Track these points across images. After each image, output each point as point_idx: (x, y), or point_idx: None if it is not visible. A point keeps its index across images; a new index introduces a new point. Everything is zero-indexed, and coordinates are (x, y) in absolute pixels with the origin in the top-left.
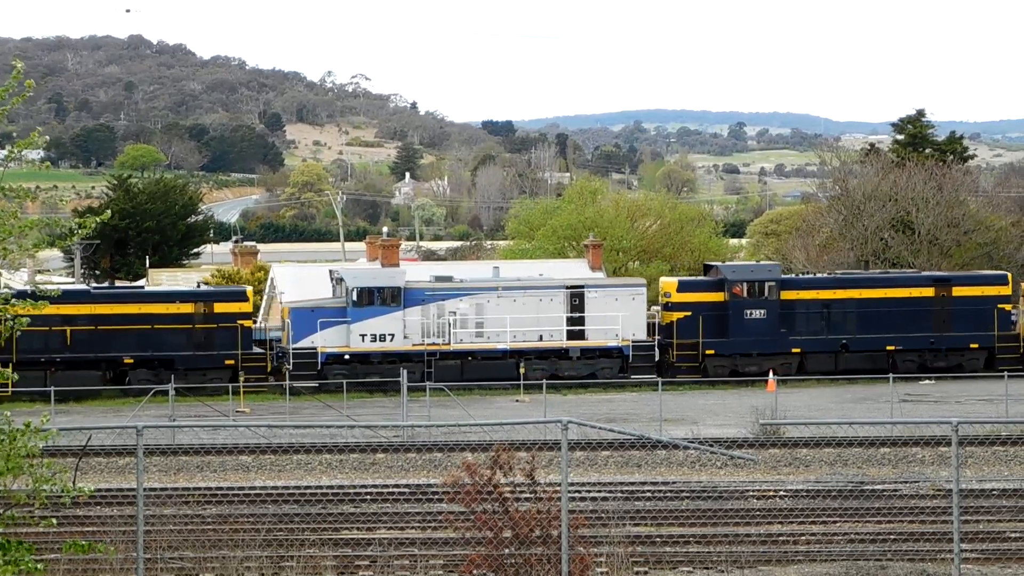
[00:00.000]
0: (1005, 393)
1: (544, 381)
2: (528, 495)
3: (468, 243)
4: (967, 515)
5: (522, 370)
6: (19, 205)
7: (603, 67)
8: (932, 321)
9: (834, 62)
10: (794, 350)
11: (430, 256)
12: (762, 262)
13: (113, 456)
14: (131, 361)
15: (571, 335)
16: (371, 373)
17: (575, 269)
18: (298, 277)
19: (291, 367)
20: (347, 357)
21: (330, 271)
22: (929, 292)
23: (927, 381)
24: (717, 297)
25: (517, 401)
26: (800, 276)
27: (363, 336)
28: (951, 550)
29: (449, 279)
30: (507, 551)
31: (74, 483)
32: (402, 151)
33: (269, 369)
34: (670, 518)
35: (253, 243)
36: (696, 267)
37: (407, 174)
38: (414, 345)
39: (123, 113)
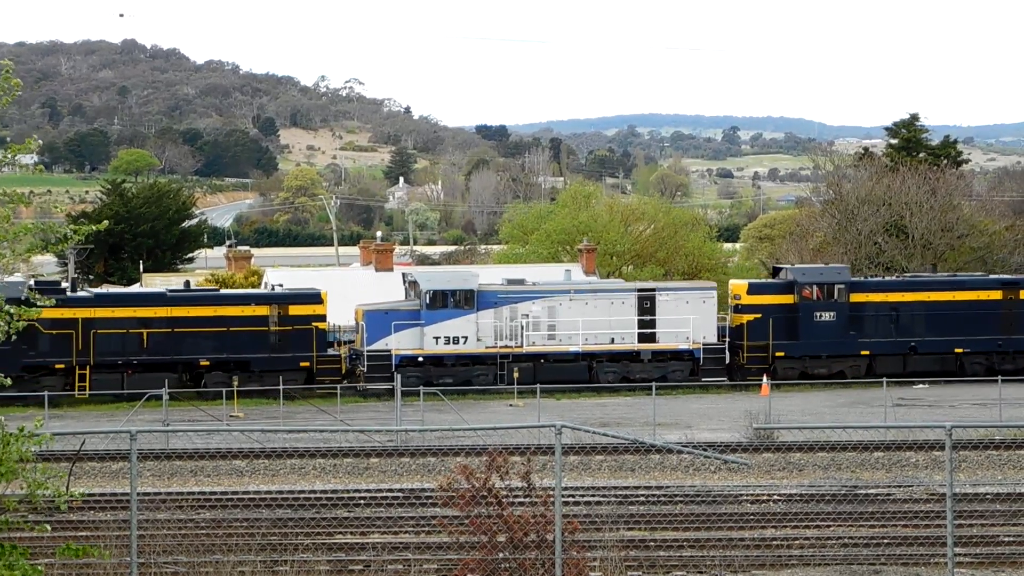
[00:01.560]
0: (999, 397)
1: (538, 385)
2: (522, 499)
3: (462, 247)
4: (961, 519)
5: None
6: (12, 210)
7: (597, 71)
8: (1000, 324)
9: (828, 66)
10: (863, 352)
11: (424, 261)
12: (831, 264)
13: (107, 461)
14: (207, 363)
15: (642, 338)
16: (444, 375)
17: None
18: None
19: (365, 369)
20: (420, 359)
21: (403, 274)
22: (997, 295)
23: (921, 385)
24: (787, 299)
25: (511, 405)
26: (869, 279)
27: (436, 338)
28: (945, 554)
29: (521, 282)
30: (501, 555)
31: (67, 488)
32: (396, 155)
33: (344, 371)
34: (664, 522)
35: (247, 248)
36: (691, 272)
37: (401, 178)
38: (487, 348)
39: (117, 117)
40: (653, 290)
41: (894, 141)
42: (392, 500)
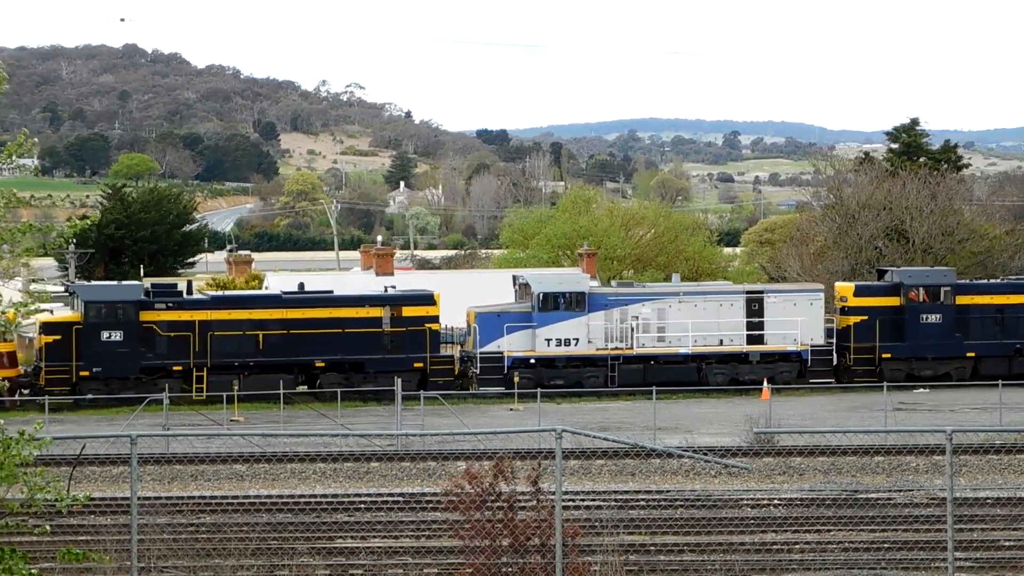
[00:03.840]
0: (999, 402)
1: (538, 390)
2: (523, 504)
3: (462, 252)
4: (961, 524)
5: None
6: (10, 211)
7: (597, 76)
8: None
9: (828, 71)
10: (968, 354)
11: (424, 265)
12: (936, 267)
13: (107, 465)
14: (322, 365)
15: (751, 340)
16: (555, 377)
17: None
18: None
19: (478, 371)
20: (532, 361)
21: (514, 276)
22: None
23: (921, 390)
24: (893, 301)
25: (511, 410)
26: (975, 281)
27: (548, 340)
28: (945, 559)
29: (631, 284)
30: (503, 560)
31: (68, 491)
32: (396, 160)
33: (456, 372)
34: (664, 527)
35: (248, 252)
36: (691, 276)
37: (401, 183)
38: (598, 349)
39: (117, 122)
40: (761, 292)
41: (895, 145)
42: (392, 504)
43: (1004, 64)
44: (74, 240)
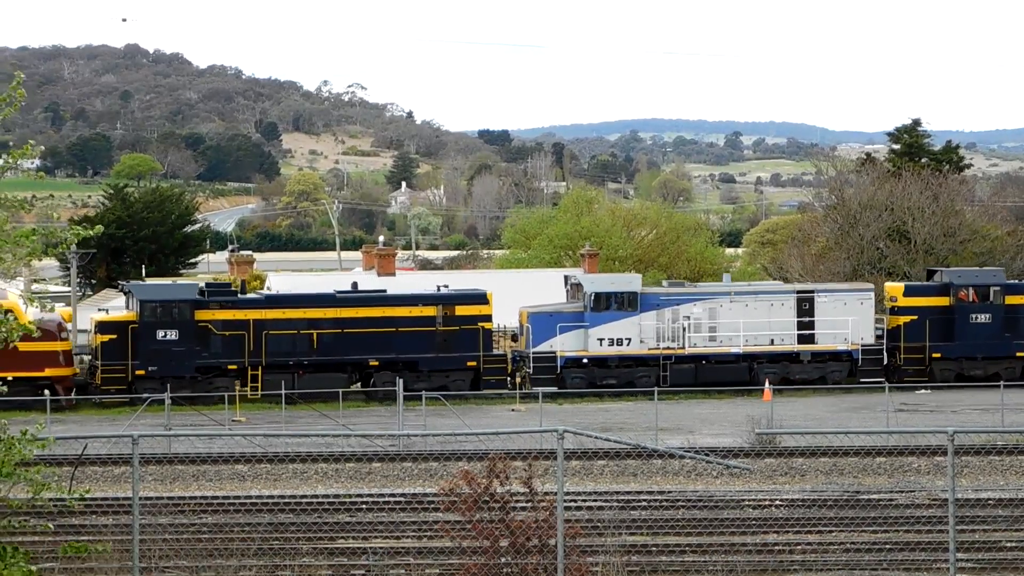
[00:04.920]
0: (1001, 403)
1: (536, 391)
2: (524, 504)
3: (464, 252)
4: (963, 525)
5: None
6: (13, 214)
7: (599, 76)
8: None
9: (830, 72)
10: (1019, 354)
11: (426, 265)
12: (986, 268)
13: (109, 465)
14: (376, 364)
15: (801, 339)
16: (607, 376)
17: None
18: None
19: (531, 371)
20: (585, 361)
21: (565, 276)
22: None
23: (923, 391)
24: (942, 302)
25: (513, 410)
26: None
27: (600, 340)
28: (947, 560)
29: (682, 284)
30: (503, 560)
31: (70, 490)
32: (398, 160)
33: (509, 371)
34: (666, 527)
35: (249, 252)
36: (692, 277)
37: (403, 183)
38: (650, 349)
39: (119, 122)
40: (812, 291)
41: (896, 146)
42: (394, 505)
43: (1006, 65)
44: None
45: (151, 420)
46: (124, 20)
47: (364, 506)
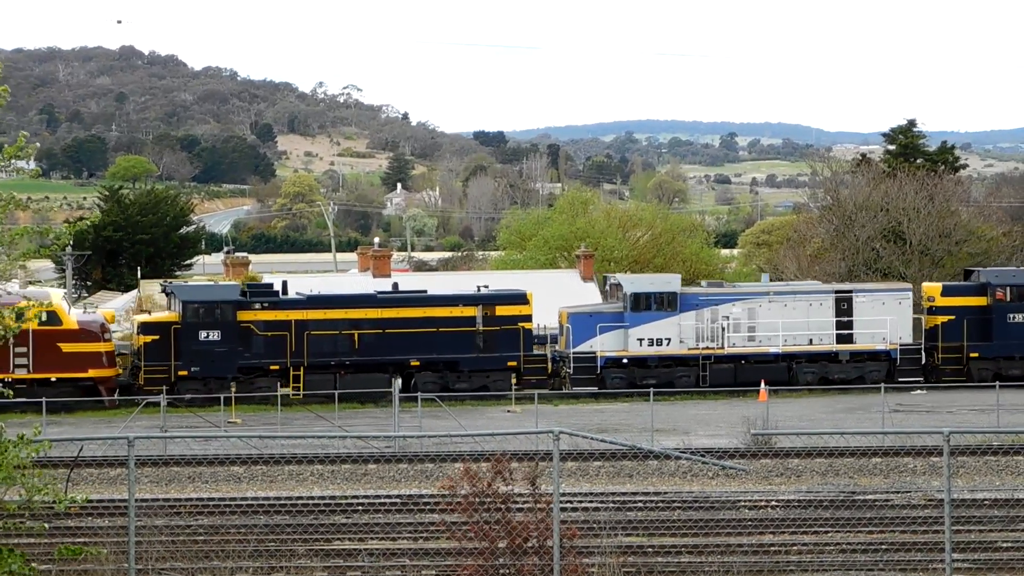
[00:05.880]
0: (996, 403)
1: (532, 392)
2: (520, 506)
3: (459, 254)
4: (959, 525)
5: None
6: (7, 214)
7: (594, 78)
8: None
9: (826, 73)
10: None
11: (421, 267)
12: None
13: (105, 467)
14: (417, 364)
15: (840, 339)
16: (647, 376)
17: (566, 280)
18: None
19: (571, 371)
20: (625, 361)
21: (604, 276)
22: None
23: (919, 391)
24: (980, 301)
25: (508, 411)
26: None
27: (640, 340)
28: (943, 560)
29: (721, 284)
30: (500, 561)
31: (66, 493)
32: (393, 162)
33: (549, 372)
34: (662, 528)
35: (244, 254)
36: (688, 278)
37: (398, 185)
38: (689, 349)
39: (114, 124)
40: (850, 291)
41: (892, 147)
42: (390, 506)
43: (1001, 65)
44: (71, 242)
45: (147, 422)
46: (119, 22)
47: (360, 507)
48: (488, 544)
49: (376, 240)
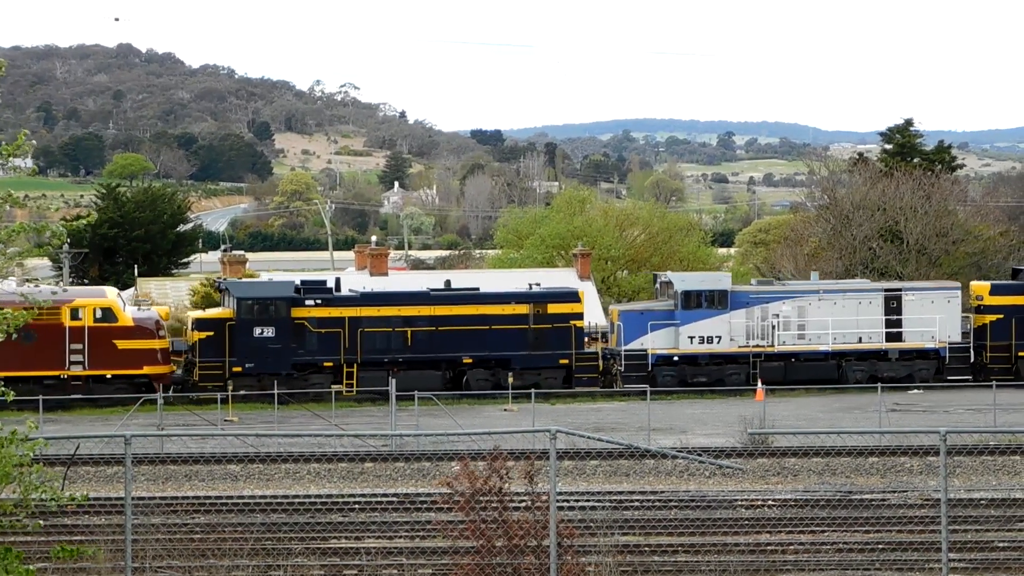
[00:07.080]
0: (993, 403)
1: (541, 390)
2: (517, 504)
3: (457, 252)
4: (955, 525)
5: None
6: (4, 212)
7: (592, 76)
8: None
9: (823, 72)
10: None
11: (419, 265)
12: None
13: (101, 465)
14: (470, 361)
15: (889, 337)
16: (698, 374)
17: (563, 278)
18: None
19: (623, 368)
20: (676, 359)
21: (654, 275)
22: None
23: (916, 391)
24: None
25: (505, 410)
26: None
27: (691, 338)
28: (939, 560)
29: (771, 282)
30: (497, 560)
31: (63, 490)
32: (391, 160)
33: (601, 369)
34: (659, 527)
35: (242, 252)
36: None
37: (396, 183)
38: (739, 347)
39: (112, 122)
40: (899, 290)
41: (889, 146)
42: (387, 505)
43: (998, 65)
44: (68, 240)
45: (143, 420)
46: (116, 20)
47: (357, 506)
48: (485, 543)
49: (373, 238)
